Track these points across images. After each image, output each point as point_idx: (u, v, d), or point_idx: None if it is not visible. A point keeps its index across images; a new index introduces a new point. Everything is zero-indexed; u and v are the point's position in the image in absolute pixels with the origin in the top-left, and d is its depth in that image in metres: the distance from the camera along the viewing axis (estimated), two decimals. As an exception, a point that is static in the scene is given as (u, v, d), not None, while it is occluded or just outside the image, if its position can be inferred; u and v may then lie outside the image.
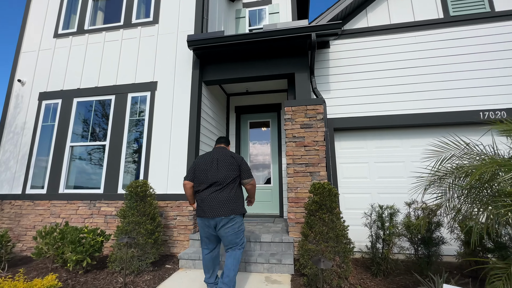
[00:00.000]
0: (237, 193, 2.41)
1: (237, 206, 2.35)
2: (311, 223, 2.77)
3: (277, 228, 4.10)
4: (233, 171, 2.41)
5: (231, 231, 2.30)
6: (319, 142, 3.59)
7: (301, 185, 3.51)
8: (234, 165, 2.43)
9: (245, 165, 2.50)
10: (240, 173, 2.45)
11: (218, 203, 2.29)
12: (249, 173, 2.49)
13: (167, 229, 3.76)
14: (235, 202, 2.34)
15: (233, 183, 2.40)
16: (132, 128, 4.31)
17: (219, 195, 2.32)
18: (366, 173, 4.16)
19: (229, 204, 2.30)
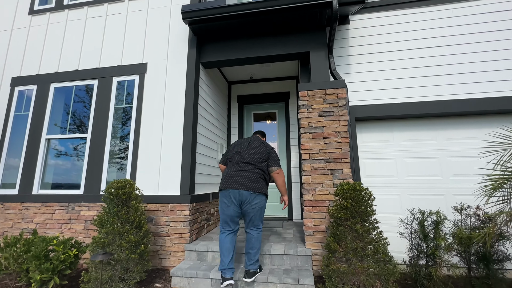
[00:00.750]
0: (263, 175, 2.51)
1: (262, 186, 2.46)
2: (340, 234, 2.15)
3: (288, 234, 3.49)
4: (261, 156, 2.55)
5: (257, 207, 2.40)
6: (341, 133, 2.96)
7: (320, 186, 2.89)
8: (263, 150, 2.59)
9: (274, 154, 2.63)
10: (268, 160, 2.58)
11: (244, 179, 2.41)
12: (277, 162, 2.60)
13: (158, 238, 3.15)
14: (260, 182, 2.46)
15: (260, 166, 2.51)
16: (117, 118, 3.67)
17: (246, 173, 2.45)
18: (393, 170, 3.54)
19: (255, 181, 2.42)
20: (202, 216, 3.57)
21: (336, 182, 2.86)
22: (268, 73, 4.97)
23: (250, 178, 2.42)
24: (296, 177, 4.75)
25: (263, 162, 2.55)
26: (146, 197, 3.24)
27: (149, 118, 3.52)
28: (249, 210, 2.38)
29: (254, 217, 2.41)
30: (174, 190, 3.25)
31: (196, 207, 3.35)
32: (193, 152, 3.35)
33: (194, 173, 3.38)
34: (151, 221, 3.20)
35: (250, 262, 2.44)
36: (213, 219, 4.05)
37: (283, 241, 3.16)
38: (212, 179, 4.12)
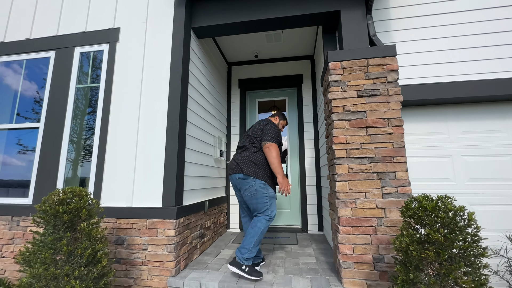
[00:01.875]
0: (258, 157, 2.26)
1: (254, 169, 2.21)
2: (419, 283, 1.26)
3: (309, 258, 2.60)
4: (255, 135, 2.34)
5: (249, 194, 2.20)
6: (392, 120, 2.07)
7: (363, 196, 2.00)
8: (258, 129, 2.36)
9: (268, 129, 2.29)
10: (261, 135, 2.28)
11: (235, 162, 2.31)
12: (268, 136, 2.23)
13: (131, 267, 2.25)
14: (252, 164, 2.22)
15: (255, 146, 2.30)
16: (80, 102, 2.74)
17: (239, 155, 2.34)
18: (449, 172, 2.66)
19: (246, 164, 2.23)
20: (194, 233, 2.67)
21: (387, 190, 1.97)
22: (276, 51, 4.05)
23: (240, 159, 2.28)
24: (311, 179, 3.87)
25: (256, 142, 2.30)
26: (115, 210, 2.34)
27: (121, 101, 2.59)
28: (244, 196, 2.25)
29: (252, 205, 2.21)
30: (154, 201, 2.34)
31: (185, 222, 2.45)
32: (180, 148, 2.44)
33: (182, 177, 2.47)
34: (121, 243, 2.29)
35: (240, 247, 2.13)
36: (209, 233, 3.16)
37: (305, 271, 2.28)
38: (208, 182, 3.22)
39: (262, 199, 2.17)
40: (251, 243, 2.09)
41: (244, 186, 2.22)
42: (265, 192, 2.18)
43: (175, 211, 2.25)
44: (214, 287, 2.04)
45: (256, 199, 2.17)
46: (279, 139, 2.29)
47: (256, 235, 2.10)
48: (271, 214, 2.17)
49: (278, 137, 2.27)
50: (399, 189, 1.96)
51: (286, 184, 2.17)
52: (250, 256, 2.09)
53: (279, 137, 2.29)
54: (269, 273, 2.23)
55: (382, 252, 1.91)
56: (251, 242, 2.09)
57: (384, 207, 1.96)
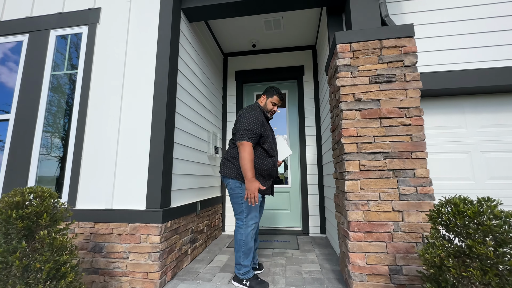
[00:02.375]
0: (233, 154, 2.00)
1: (230, 169, 1.99)
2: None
3: (313, 266, 2.33)
4: (234, 129, 2.08)
5: (229, 192, 2.00)
6: (410, 109, 1.80)
7: (377, 197, 1.73)
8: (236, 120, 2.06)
9: (242, 121, 1.92)
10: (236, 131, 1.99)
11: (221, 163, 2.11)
12: (241, 131, 1.90)
13: (110, 278, 1.96)
14: (228, 163, 2.02)
15: (233, 141, 2.07)
16: (55, 91, 2.44)
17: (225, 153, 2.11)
18: (468, 170, 2.40)
19: (223, 162, 2.06)
20: (184, 238, 2.39)
21: (404, 190, 1.70)
22: (276, 40, 3.76)
23: (222, 160, 2.10)
24: (313, 178, 3.60)
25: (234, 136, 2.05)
26: (93, 214, 2.05)
27: (101, 89, 2.30)
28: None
29: (232, 206, 2.02)
30: (137, 202, 2.06)
31: (173, 226, 2.17)
32: (168, 142, 2.15)
33: (170, 175, 2.18)
34: (99, 251, 2.00)
35: (235, 263, 1.97)
36: (202, 237, 2.88)
37: (309, 282, 2.01)
38: (200, 181, 2.93)
39: (237, 200, 1.96)
40: (240, 258, 1.92)
41: (226, 186, 2.04)
42: (240, 192, 1.95)
43: (161, 214, 1.96)
44: (204, 302, 1.77)
45: (232, 199, 1.99)
46: (256, 129, 1.89)
47: (240, 248, 1.92)
48: (246, 218, 1.93)
49: (252, 130, 1.87)
50: (418, 189, 1.69)
51: (252, 191, 1.78)
52: (247, 270, 1.93)
53: (255, 128, 1.88)
54: (269, 285, 1.95)
55: (400, 262, 1.64)
56: (239, 256, 1.92)
57: (401, 209, 1.69)
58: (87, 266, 2.00)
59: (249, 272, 1.93)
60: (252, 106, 2.08)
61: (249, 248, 1.91)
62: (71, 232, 2.05)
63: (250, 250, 1.92)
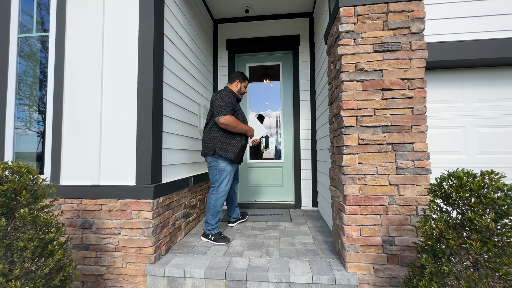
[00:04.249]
0: (210, 133, 2.35)
1: (208, 146, 2.34)
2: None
3: (306, 238, 2.38)
4: (210, 111, 2.38)
5: (210, 169, 2.40)
6: (413, 81, 1.72)
7: (374, 171, 1.71)
8: (211, 105, 2.37)
9: (218, 101, 2.27)
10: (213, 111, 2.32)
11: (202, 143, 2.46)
12: (220, 109, 2.23)
13: (102, 254, 1.93)
14: (207, 142, 2.36)
15: (210, 124, 2.37)
16: (29, 60, 2.18)
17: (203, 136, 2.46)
18: (461, 145, 2.42)
19: (204, 143, 2.40)
20: (178, 213, 2.36)
21: (402, 164, 1.69)
22: (270, 5, 3.48)
23: (203, 141, 2.44)
24: (307, 153, 3.58)
25: (210, 119, 2.38)
26: (79, 190, 1.95)
27: (78, 55, 2.06)
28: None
29: (209, 177, 2.43)
30: (126, 178, 1.96)
31: (166, 201, 2.11)
32: (156, 115, 2.01)
33: (160, 149, 2.07)
34: (89, 227, 1.94)
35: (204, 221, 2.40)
36: (196, 212, 2.86)
37: (303, 252, 2.05)
38: (193, 156, 2.84)
39: (212, 172, 2.38)
40: (208, 217, 2.34)
41: (208, 163, 2.42)
42: (215, 165, 2.35)
43: (152, 189, 1.89)
44: (200, 275, 1.77)
45: (209, 171, 2.41)
46: (231, 104, 2.30)
47: (209, 210, 2.33)
48: (218, 188, 2.34)
49: (228, 106, 2.27)
50: (416, 163, 1.68)
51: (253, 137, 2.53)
52: (212, 227, 2.34)
53: (230, 103, 2.29)
54: (263, 256, 1.98)
55: (393, 233, 1.67)
56: (208, 216, 2.34)
57: (397, 183, 1.69)
58: (77, 243, 1.94)
59: (215, 229, 2.35)
60: (223, 90, 2.41)
61: (217, 211, 2.33)
62: (57, 209, 1.96)
63: (218, 213, 2.34)
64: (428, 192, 1.25)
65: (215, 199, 2.32)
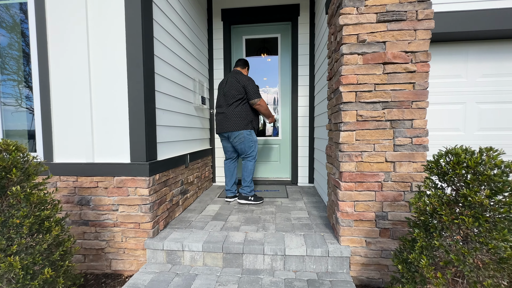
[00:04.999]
0: (241, 111, 2.67)
1: (238, 123, 2.66)
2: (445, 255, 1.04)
3: (301, 213, 2.44)
4: (236, 92, 2.65)
5: (239, 141, 2.71)
6: (417, 54, 1.63)
7: (371, 148, 1.70)
8: (237, 86, 2.65)
9: (251, 86, 2.66)
10: (246, 94, 2.67)
11: (222, 121, 2.73)
12: (255, 93, 2.66)
13: (101, 229, 1.97)
14: (236, 120, 2.66)
15: (237, 103, 2.67)
16: (12, 32, 2.03)
17: (223, 115, 2.73)
18: (460, 121, 2.39)
19: (231, 121, 2.67)
20: (175, 190, 2.37)
21: (399, 141, 1.67)
22: (269, -29, 3.21)
23: (227, 119, 2.69)
24: (304, 130, 3.55)
25: (240, 99, 2.67)
26: (74, 168, 1.93)
27: (61, 23, 1.92)
28: (235, 144, 2.75)
29: (242, 149, 2.76)
30: (120, 156, 1.94)
31: (162, 178, 2.12)
32: (148, 91, 1.93)
33: (154, 126, 2.02)
34: (86, 204, 1.95)
35: (242, 186, 2.81)
36: (193, 188, 2.89)
37: (298, 227, 2.11)
38: (188, 133, 2.80)
39: (249, 144, 2.73)
40: (248, 182, 2.78)
41: (235, 138, 2.71)
42: (251, 138, 2.74)
43: (147, 167, 1.87)
44: (198, 248, 1.83)
45: (245, 144, 2.72)
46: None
47: (250, 175, 2.79)
48: (255, 156, 2.81)
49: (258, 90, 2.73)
50: (414, 140, 1.66)
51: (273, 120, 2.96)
52: (251, 189, 2.80)
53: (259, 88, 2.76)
54: (259, 231, 2.04)
55: (386, 209, 1.70)
56: (249, 180, 2.79)
57: (394, 160, 1.68)
58: (76, 219, 1.97)
59: (253, 191, 2.82)
60: (248, 76, 2.74)
61: (252, 175, 2.82)
62: (52, 186, 1.96)
63: (253, 176, 2.84)
64: (424, 169, 1.25)
65: (253, 165, 2.79)
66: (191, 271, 1.77)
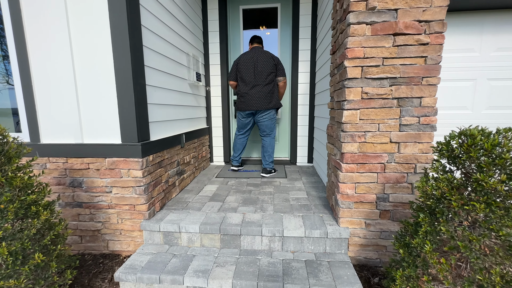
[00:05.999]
0: (274, 89, 2.82)
1: (272, 101, 2.81)
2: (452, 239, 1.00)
3: (300, 193, 2.41)
4: (270, 70, 2.75)
5: (267, 119, 2.86)
6: (432, 23, 1.48)
7: (375, 128, 1.60)
8: (271, 64, 2.76)
9: (281, 65, 2.82)
10: (276, 71, 2.79)
11: (256, 98, 2.78)
12: (284, 72, 2.83)
13: (96, 211, 1.92)
14: (270, 98, 2.80)
15: (271, 81, 2.79)
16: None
17: (258, 93, 2.77)
18: (468, 99, 2.28)
19: (266, 99, 2.78)
20: (170, 171, 2.31)
21: (406, 121, 1.57)
22: None
23: (262, 96, 2.76)
24: (304, 108, 3.42)
25: (273, 77, 2.78)
26: (63, 148, 1.84)
27: None
28: (262, 121, 2.87)
29: (266, 127, 2.89)
30: (110, 136, 1.83)
31: (157, 159, 2.04)
32: (136, 66, 1.78)
33: (145, 105, 1.90)
34: (79, 186, 1.89)
35: (266, 163, 3.01)
36: (190, 169, 2.84)
37: (297, 208, 2.08)
38: (183, 112, 2.67)
39: (274, 122, 2.92)
40: (271, 157, 3.00)
41: (264, 115, 2.85)
42: (275, 117, 2.93)
43: (140, 148, 1.78)
44: (195, 230, 1.80)
45: (271, 123, 2.90)
46: None
47: (272, 152, 3.00)
48: (275, 134, 3.00)
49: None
50: (421, 119, 1.56)
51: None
52: (273, 163, 3.08)
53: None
54: (257, 212, 2.01)
55: (388, 191, 1.66)
56: (270, 157, 3.00)
57: (399, 141, 1.59)
58: (69, 201, 1.92)
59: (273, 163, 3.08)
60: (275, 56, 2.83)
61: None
62: (42, 168, 1.88)
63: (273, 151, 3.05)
64: (433, 151, 1.16)
65: (274, 143, 2.98)
66: (188, 252, 1.76)
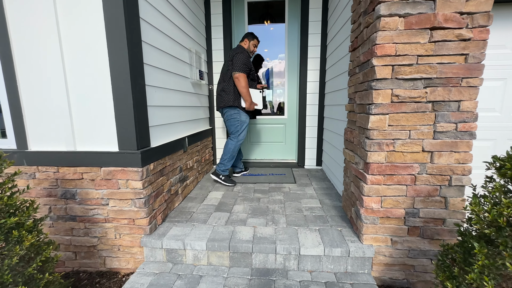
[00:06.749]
0: (226, 88, 2.53)
1: (224, 99, 2.54)
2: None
3: (313, 202, 2.23)
4: (228, 68, 2.51)
5: (225, 120, 2.66)
6: (476, 16, 1.28)
7: (406, 136, 1.42)
8: (229, 61, 2.50)
9: (237, 57, 2.44)
10: (232, 66, 2.46)
11: (216, 98, 2.67)
12: (237, 65, 2.42)
13: (91, 225, 1.74)
14: (223, 96, 2.54)
15: (228, 79, 2.52)
16: None
17: (216, 92, 2.65)
18: (497, 100, 2.10)
19: (219, 97, 2.59)
20: (173, 178, 2.12)
21: (441, 128, 1.38)
22: None
23: (217, 94, 2.63)
24: (313, 108, 3.23)
25: (229, 74, 2.51)
26: (53, 157, 1.65)
27: (18, -23, 1.50)
28: (224, 122, 2.71)
29: (227, 127, 2.66)
30: (106, 143, 1.64)
31: (158, 167, 1.85)
32: (134, 63, 1.58)
33: (145, 107, 1.70)
34: (72, 198, 1.70)
35: (218, 163, 2.72)
36: (193, 174, 2.65)
37: (311, 220, 1.90)
38: (186, 113, 2.48)
39: (234, 123, 2.58)
40: (225, 159, 2.64)
41: (223, 115, 2.64)
42: (237, 117, 2.56)
43: (139, 156, 1.59)
44: (201, 247, 1.62)
45: (229, 123, 2.60)
46: (248, 66, 2.47)
47: (228, 153, 2.63)
48: (238, 136, 2.60)
49: (247, 65, 2.45)
50: (459, 126, 1.38)
51: (252, 108, 2.56)
52: (226, 168, 2.68)
53: (247, 65, 2.46)
54: (269, 225, 1.83)
55: (418, 205, 1.48)
56: (225, 159, 2.64)
57: (432, 150, 1.41)
58: (61, 213, 1.73)
59: (226, 171, 2.70)
60: (240, 48, 2.52)
61: (233, 156, 2.65)
62: (30, 177, 1.69)
63: (233, 157, 2.66)
64: (488, 167, 0.98)
65: (235, 145, 2.61)
66: (194, 272, 1.59)
